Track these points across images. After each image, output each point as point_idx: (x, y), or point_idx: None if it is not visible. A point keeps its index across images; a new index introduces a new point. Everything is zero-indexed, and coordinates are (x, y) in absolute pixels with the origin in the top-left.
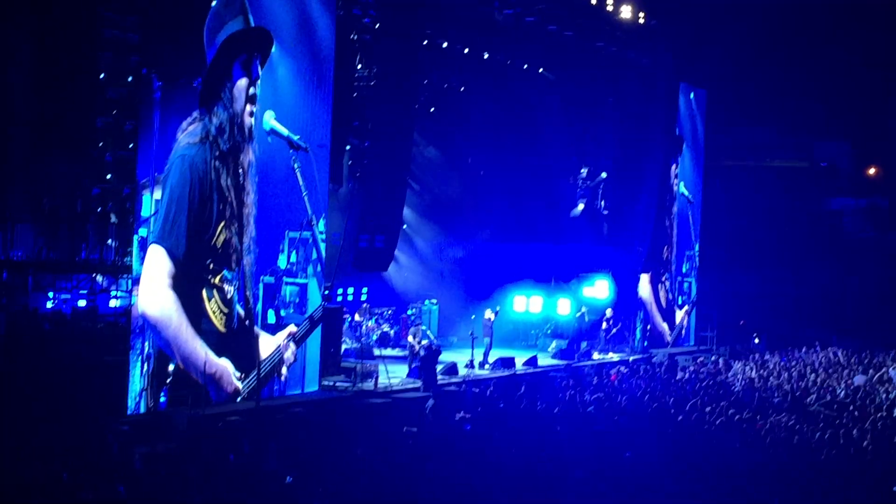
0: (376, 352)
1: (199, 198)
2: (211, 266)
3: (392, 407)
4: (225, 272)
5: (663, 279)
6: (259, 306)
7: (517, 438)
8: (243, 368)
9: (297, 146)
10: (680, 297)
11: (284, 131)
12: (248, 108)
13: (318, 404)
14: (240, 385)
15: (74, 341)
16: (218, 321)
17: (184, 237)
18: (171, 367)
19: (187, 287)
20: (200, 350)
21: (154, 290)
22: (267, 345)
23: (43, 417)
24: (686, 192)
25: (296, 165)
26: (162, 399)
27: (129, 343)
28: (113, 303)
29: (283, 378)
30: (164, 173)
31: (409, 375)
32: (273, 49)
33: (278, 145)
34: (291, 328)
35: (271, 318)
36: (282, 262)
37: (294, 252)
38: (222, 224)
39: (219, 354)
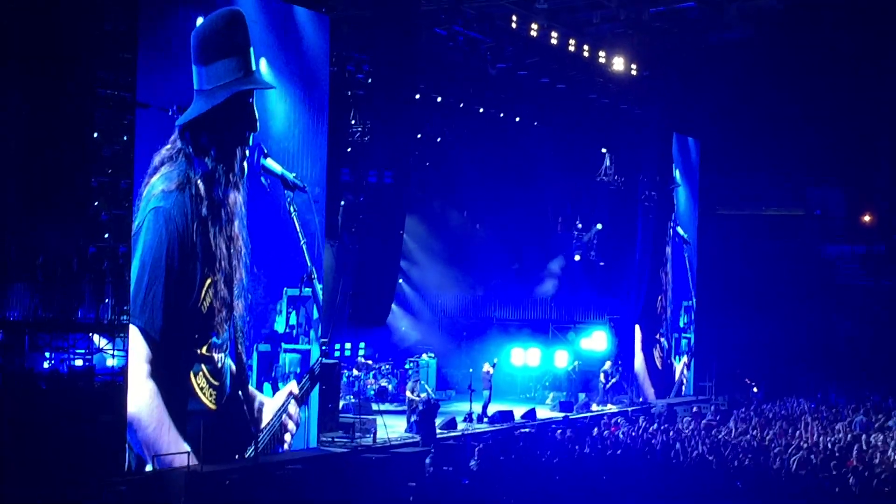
0: (374, 406)
1: (178, 259)
2: (197, 336)
3: (391, 462)
4: (213, 339)
5: (658, 337)
6: (254, 378)
7: (516, 492)
8: (240, 446)
9: (292, 186)
10: (678, 357)
11: (279, 169)
12: (241, 149)
13: (317, 460)
14: None
15: (71, 401)
16: (207, 398)
17: (160, 310)
18: (147, 468)
19: (168, 369)
20: (183, 459)
21: (131, 383)
22: (267, 409)
23: (39, 477)
24: (683, 234)
25: (292, 209)
26: None
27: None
28: (110, 362)
29: (286, 446)
30: (134, 231)
31: (407, 430)
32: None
33: (271, 186)
34: (292, 386)
35: (268, 393)
36: (279, 326)
37: (294, 313)
38: (209, 282)
39: (211, 436)
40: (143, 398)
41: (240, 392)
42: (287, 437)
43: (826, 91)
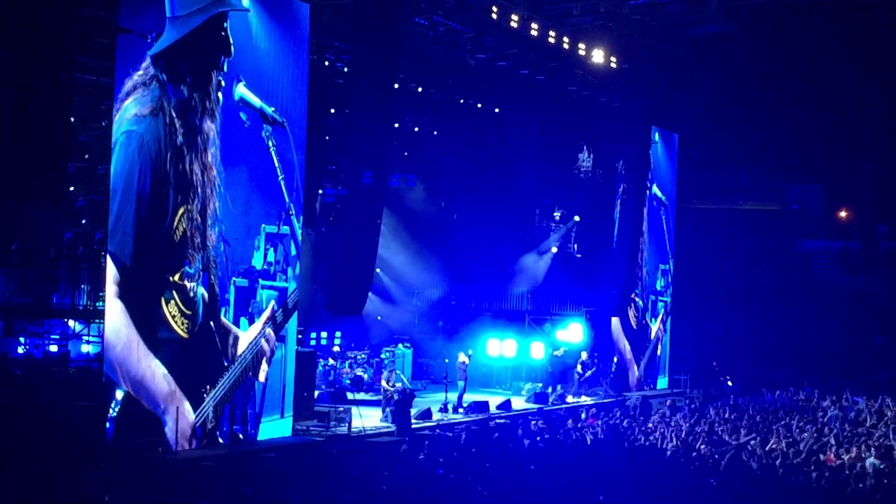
0: (350, 396)
1: (150, 185)
2: (169, 263)
3: (366, 451)
4: (186, 267)
5: (633, 297)
6: (231, 312)
7: (491, 481)
8: (212, 378)
9: (271, 120)
10: (653, 319)
11: (257, 102)
12: (216, 77)
13: (292, 449)
14: (192, 418)
15: (46, 386)
16: (179, 327)
17: (131, 235)
18: (119, 394)
19: (139, 293)
20: (156, 372)
21: (105, 307)
22: (241, 341)
23: (14, 463)
24: (660, 194)
25: (270, 143)
26: (107, 426)
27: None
28: (85, 348)
29: (261, 378)
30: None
31: (382, 419)
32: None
33: (250, 120)
34: (268, 312)
35: (244, 328)
36: (257, 262)
37: (272, 249)
38: (182, 211)
39: (183, 365)
40: (112, 319)
41: (212, 322)
42: (264, 365)
43: (806, 87)
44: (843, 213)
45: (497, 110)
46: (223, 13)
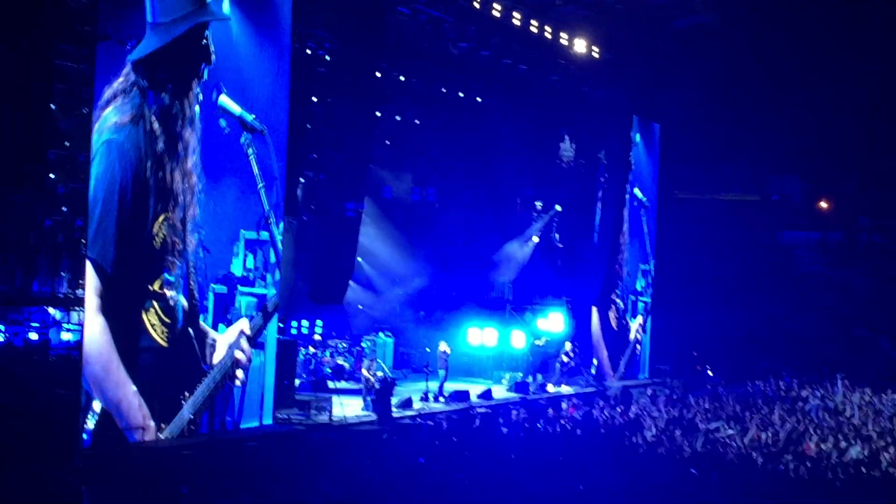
0: (331, 384)
1: (131, 193)
2: (149, 271)
3: (346, 440)
4: (166, 275)
5: (613, 297)
6: (209, 319)
7: (472, 470)
8: (190, 385)
9: (251, 127)
10: (633, 318)
11: (237, 109)
12: (197, 85)
13: (272, 438)
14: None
15: (25, 375)
16: (158, 336)
17: (112, 243)
18: (96, 406)
19: (119, 303)
20: (132, 402)
21: (86, 318)
22: (220, 346)
23: None
24: (640, 196)
25: (250, 151)
26: (84, 437)
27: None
28: (65, 336)
29: (238, 382)
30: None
31: (363, 408)
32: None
33: (230, 128)
34: (243, 324)
35: (223, 333)
36: (236, 268)
37: (251, 256)
38: (162, 218)
39: (161, 374)
40: (92, 333)
41: (190, 329)
42: (239, 373)
43: (787, 78)
44: (823, 205)
45: (479, 100)
46: (205, 22)
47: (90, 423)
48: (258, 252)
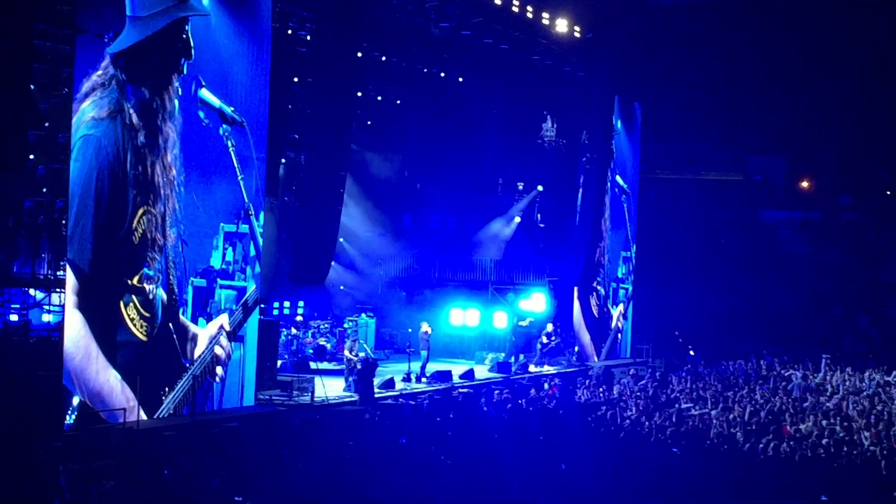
0: (313, 365)
1: (109, 189)
2: (128, 266)
3: (328, 421)
4: (145, 269)
5: (595, 284)
6: (189, 313)
7: (454, 450)
8: (170, 379)
9: (230, 120)
10: (614, 306)
11: (216, 102)
12: (175, 77)
13: (255, 418)
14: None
15: (6, 356)
16: (138, 330)
17: (90, 241)
18: (75, 400)
19: (98, 298)
20: (114, 387)
21: (65, 315)
22: (200, 340)
23: None
24: (622, 183)
25: (230, 143)
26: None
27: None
28: (46, 317)
29: (218, 379)
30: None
31: (345, 389)
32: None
33: (209, 120)
34: (223, 319)
35: (202, 327)
36: (216, 261)
37: (230, 249)
38: (141, 212)
39: (142, 368)
40: (70, 330)
41: (170, 324)
42: (219, 369)
43: (770, 58)
44: (804, 184)
45: (461, 79)
46: (185, 17)
47: (69, 419)
48: (238, 245)
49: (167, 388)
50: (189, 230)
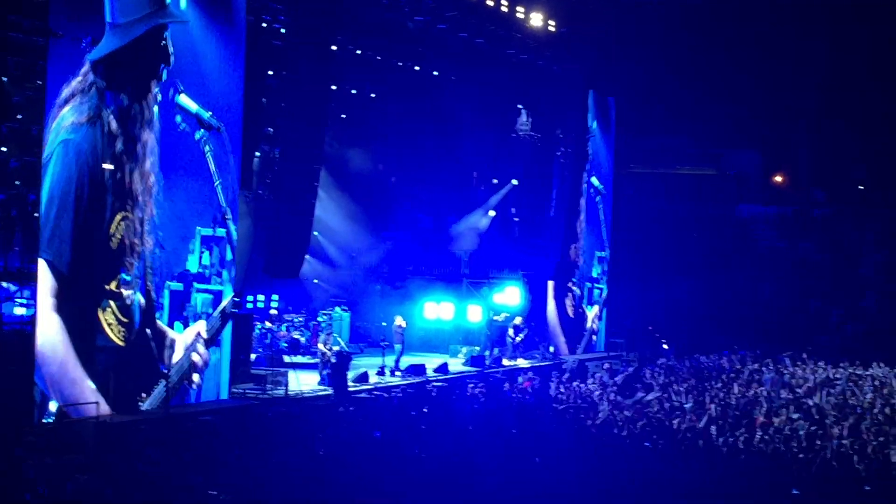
0: (287, 359)
1: (88, 193)
2: (106, 271)
3: (302, 414)
4: (123, 275)
5: (570, 285)
6: (165, 317)
7: (429, 444)
8: (147, 385)
9: (208, 125)
10: (589, 306)
11: (194, 107)
12: (154, 84)
13: (228, 412)
14: None
15: None
16: (115, 335)
17: (68, 244)
18: (52, 406)
19: (76, 303)
20: (89, 398)
21: (39, 317)
22: (178, 346)
23: None
24: (597, 184)
25: (207, 148)
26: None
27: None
28: (18, 310)
29: (195, 386)
30: (43, 162)
31: (320, 383)
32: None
33: (186, 125)
34: (200, 325)
35: (179, 331)
36: (192, 265)
37: (207, 253)
38: (119, 217)
39: (119, 374)
40: (48, 333)
41: (148, 329)
42: (195, 377)
43: (743, 52)
44: (779, 179)
45: (436, 73)
46: (164, 24)
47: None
48: (214, 249)
49: (144, 394)
50: (165, 234)
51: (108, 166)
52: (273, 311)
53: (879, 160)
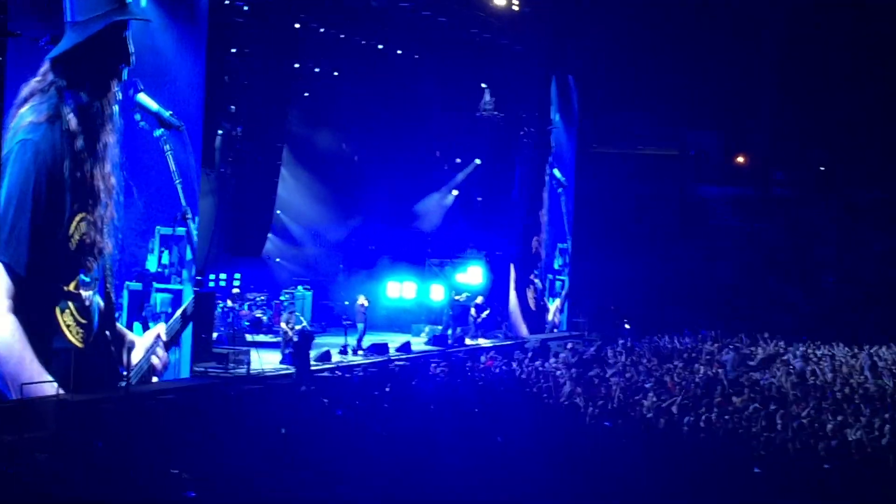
0: (249, 338)
1: (46, 193)
2: (64, 272)
3: (265, 393)
4: (82, 276)
5: (532, 277)
6: (124, 317)
7: (390, 422)
8: (107, 387)
9: (168, 124)
10: (551, 298)
11: (154, 106)
12: (115, 84)
13: (190, 390)
14: None
15: None
16: (74, 336)
17: (26, 245)
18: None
19: (33, 303)
20: (48, 391)
21: None
22: (137, 348)
23: None
24: (560, 176)
25: (167, 147)
26: None
27: None
28: None
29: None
30: (1, 162)
31: (282, 361)
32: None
33: (146, 124)
34: (160, 328)
35: (138, 332)
36: (151, 265)
37: (166, 252)
38: (78, 218)
39: (77, 374)
40: (3, 334)
41: (107, 332)
42: (154, 379)
43: (705, 33)
44: (740, 159)
45: (399, 52)
46: (124, 21)
47: None
48: (174, 248)
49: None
50: (125, 233)
51: (67, 160)
52: (235, 290)
53: (839, 141)
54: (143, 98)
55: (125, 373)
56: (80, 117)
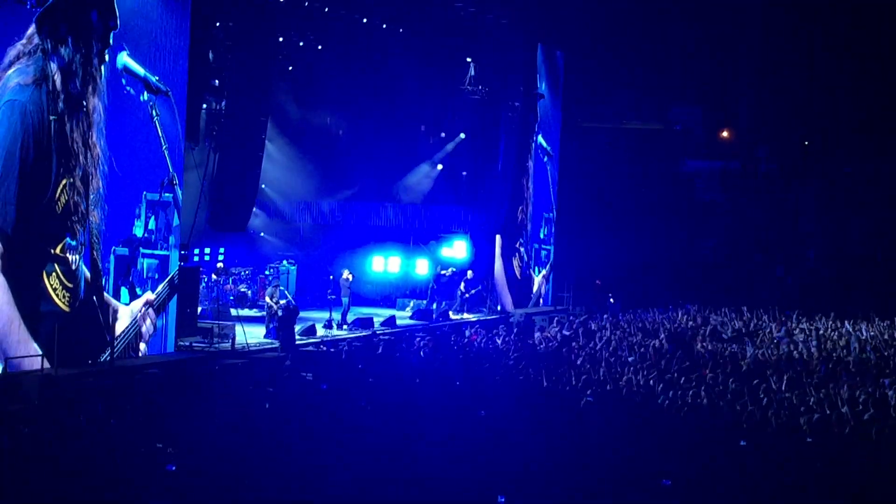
0: (233, 312)
1: (33, 154)
2: (51, 235)
3: (249, 367)
4: (68, 239)
5: (518, 246)
6: (110, 282)
7: (374, 396)
8: (93, 352)
9: (155, 89)
10: (537, 268)
11: (141, 71)
12: (101, 48)
13: (175, 365)
14: None
15: None
16: (60, 300)
17: (13, 205)
18: None
19: (21, 265)
20: (34, 361)
21: None
22: (122, 316)
23: None
24: (545, 145)
25: (154, 113)
26: None
27: None
28: None
29: (140, 354)
30: None
31: (266, 336)
32: None
33: (133, 89)
34: (148, 295)
35: (125, 298)
36: (138, 230)
37: (153, 218)
38: (64, 182)
39: (64, 339)
40: None
41: (94, 298)
42: (142, 346)
43: (688, 7)
44: (724, 134)
45: (384, 25)
46: None
47: None
48: (161, 214)
49: (90, 362)
50: (111, 199)
51: (53, 122)
52: (220, 265)
53: (823, 117)
54: (129, 62)
55: (111, 339)
56: (66, 80)
